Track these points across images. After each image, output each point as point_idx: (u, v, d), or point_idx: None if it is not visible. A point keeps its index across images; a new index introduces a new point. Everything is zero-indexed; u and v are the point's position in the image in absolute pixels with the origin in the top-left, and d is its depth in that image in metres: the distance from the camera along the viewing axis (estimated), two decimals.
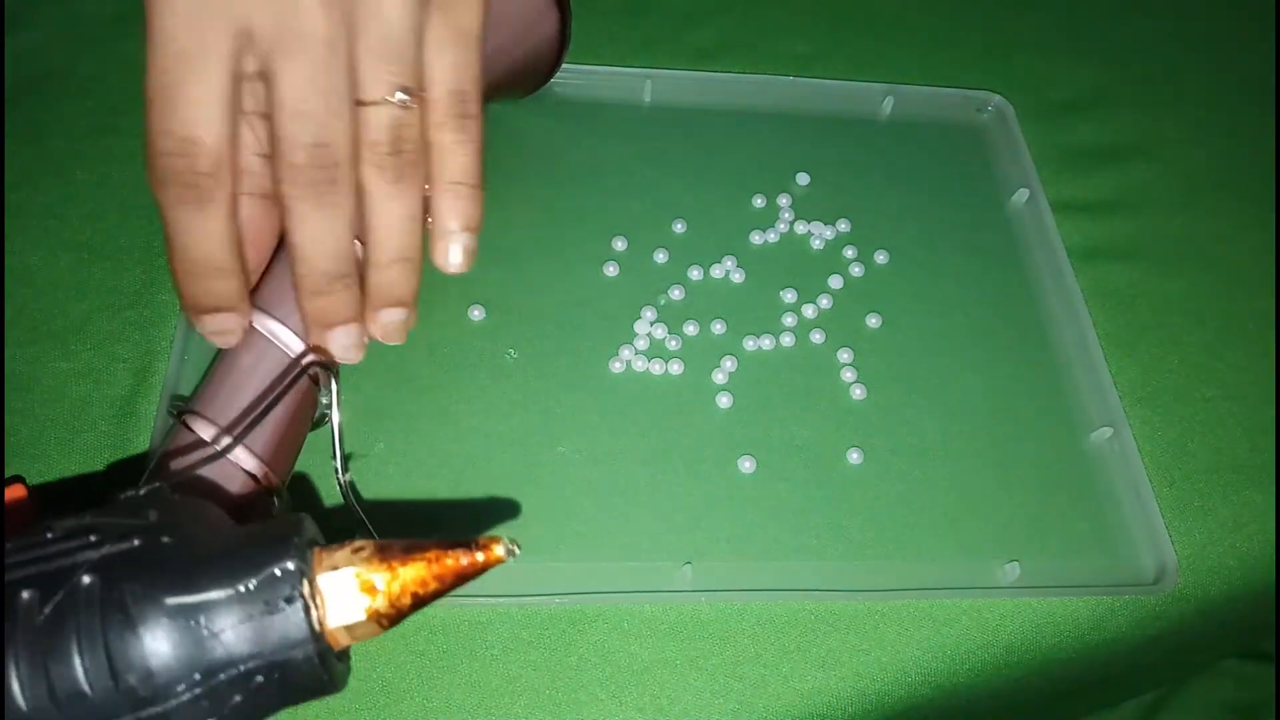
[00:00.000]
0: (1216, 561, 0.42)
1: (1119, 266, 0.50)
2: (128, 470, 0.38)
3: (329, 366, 0.35)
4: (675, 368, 0.43)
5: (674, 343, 0.44)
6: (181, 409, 0.34)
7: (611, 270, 0.45)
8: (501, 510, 0.38)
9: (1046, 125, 0.55)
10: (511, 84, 0.45)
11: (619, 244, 0.46)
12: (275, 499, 0.34)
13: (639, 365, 0.43)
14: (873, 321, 0.46)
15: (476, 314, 0.43)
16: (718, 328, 0.44)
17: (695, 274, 0.46)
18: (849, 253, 0.48)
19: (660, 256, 0.46)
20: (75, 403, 0.39)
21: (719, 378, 0.43)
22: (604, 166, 0.49)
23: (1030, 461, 0.43)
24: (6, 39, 0.48)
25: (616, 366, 0.43)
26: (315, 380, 0.35)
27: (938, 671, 0.38)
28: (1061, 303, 0.48)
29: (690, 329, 0.44)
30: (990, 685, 0.38)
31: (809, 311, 0.46)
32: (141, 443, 0.38)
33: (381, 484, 0.38)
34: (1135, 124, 0.56)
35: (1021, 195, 0.51)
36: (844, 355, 0.44)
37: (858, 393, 0.44)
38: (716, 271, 0.46)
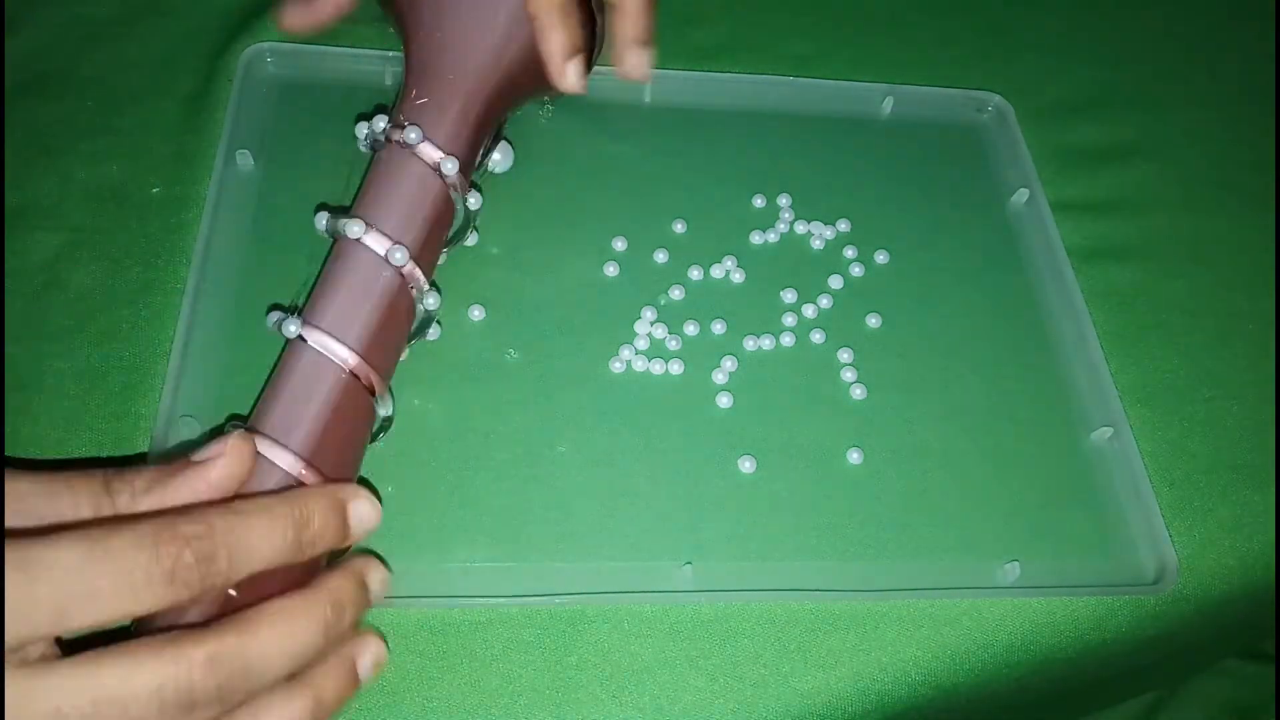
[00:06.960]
0: (1216, 561, 0.42)
1: (1119, 266, 0.50)
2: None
3: (382, 377, 0.35)
4: (675, 368, 0.43)
5: (674, 343, 0.44)
6: (239, 427, 0.34)
7: (611, 270, 0.45)
8: (502, 510, 0.38)
9: (1046, 125, 0.55)
10: (532, 78, 0.43)
11: (619, 244, 0.46)
12: None
13: (639, 365, 0.43)
14: (873, 321, 0.46)
15: (476, 314, 0.43)
16: (718, 328, 0.44)
17: (695, 274, 0.46)
18: (849, 253, 0.48)
19: (660, 256, 0.46)
20: (75, 403, 0.39)
21: (719, 378, 0.43)
22: (604, 166, 0.49)
23: (1030, 461, 0.43)
24: (6, 39, 0.48)
25: (616, 366, 0.43)
26: (371, 391, 0.35)
27: (938, 671, 0.38)
28: (1061, 303, 0.48)
29: (690, 329, 0.44)
30: (990, 685, 0.38)
31: (809, 311, 0.46)
32: (141, 443, 0.38)
33: (381, 484, 0.38)
34: (1135, 124, 0.56)
35: (1021, 195, 0.51)
36: (844, 355, 0.44)
37: (858, 393, 0.44)
38: (716, 271, 0.46)
